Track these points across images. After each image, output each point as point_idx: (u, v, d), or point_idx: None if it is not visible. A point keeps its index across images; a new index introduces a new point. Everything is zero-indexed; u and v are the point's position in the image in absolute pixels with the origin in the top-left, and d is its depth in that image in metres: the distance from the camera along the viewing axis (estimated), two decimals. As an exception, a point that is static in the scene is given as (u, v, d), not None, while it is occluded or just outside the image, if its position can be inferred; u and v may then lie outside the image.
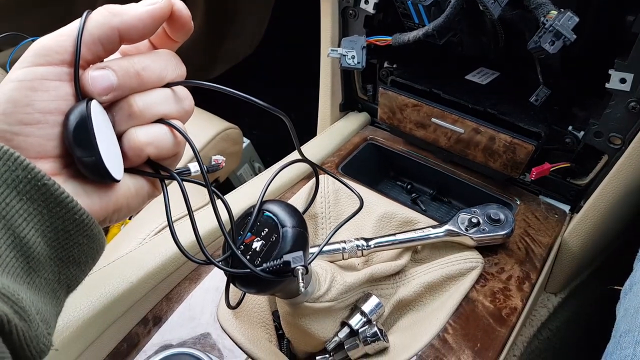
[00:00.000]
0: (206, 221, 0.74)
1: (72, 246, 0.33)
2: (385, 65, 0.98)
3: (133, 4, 0.36)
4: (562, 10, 0.61)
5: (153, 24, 0.36)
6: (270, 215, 0.50)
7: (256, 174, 1.49)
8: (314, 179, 0.82)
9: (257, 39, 2.20)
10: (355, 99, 1.05)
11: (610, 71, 0.67)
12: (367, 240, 0.69)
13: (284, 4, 2.09)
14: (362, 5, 0.89)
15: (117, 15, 0.34)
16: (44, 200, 0.31)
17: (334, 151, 0.95)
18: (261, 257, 0.47)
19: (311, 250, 0.66)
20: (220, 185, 1.26)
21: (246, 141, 1.42)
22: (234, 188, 0.86)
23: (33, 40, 0.35)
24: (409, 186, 0.98)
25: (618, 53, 0.68)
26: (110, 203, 0.36)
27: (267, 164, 1.51)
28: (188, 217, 0.42)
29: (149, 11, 0.35)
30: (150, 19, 0.36)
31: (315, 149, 0.94)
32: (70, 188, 0.34)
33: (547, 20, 0.62)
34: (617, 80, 0.67)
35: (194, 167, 0.55)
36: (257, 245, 0.49)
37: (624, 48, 0.66)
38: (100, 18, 0.34)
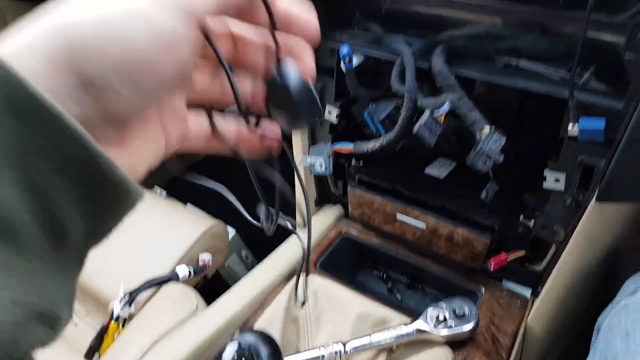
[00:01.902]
0: (191, 337, 0.80)
1: (107, 219, 0.27)
2: (353, 163, 1.06)
3: None
4: (492, 128, 0.69)
5: None
6: (247, 347, 0.56)
7: (244, 262, 1.54)
8: (294, 279, 0.89)
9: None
10: (329, 193, 1.13)
11: (545, 171, 0.75)
12: (344, 344, 0.75)
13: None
14: (327, 115, 0.97)
15: None
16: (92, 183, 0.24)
17: (311, 249, 1.02)
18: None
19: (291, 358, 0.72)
20: (209, 280, 1.31)
21: (232, 231, 1.48)
22: (224, 280, 0.92)
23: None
24: (384, 275, 1.04)
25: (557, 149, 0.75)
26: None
27: (254, 249, 1.57)
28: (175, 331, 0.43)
29: None
30: None
31: (295, 247, 1.01)
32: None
33: (480, 137, 0.70)
34: (552, 180, 0.75)
35: (182, 270, 0.57)
36: (237, 377, 0.55)
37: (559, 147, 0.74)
38: None
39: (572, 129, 0.68)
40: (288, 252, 1.00)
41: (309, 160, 0.94)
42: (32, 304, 0.22)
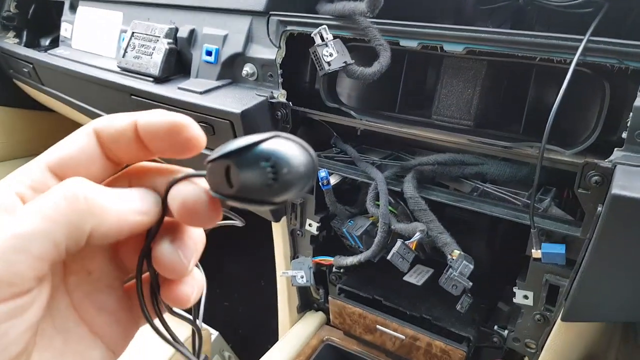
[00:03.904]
0: None
1: None
2: (334, 270, 1.10)
3: (117, 199, 0.28)
4: (462, 253, 0.74)
5: (134, 232, 0.29)
6: None
7: (227, 364, 1.53)
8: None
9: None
10: (311, 299, 1.15)
11: (514, 289, 0.80)
12: None
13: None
14: (307, 227, 1.02)
15: (96, 216, 0.26)
16: None
17: (293, 358, 1.03)
18: None
19: None
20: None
21: (214, 333, 1.48)
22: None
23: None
24: (367, 383, 1.05)
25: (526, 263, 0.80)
26: None
27: (236, 350, 1.56)
28: None
29: (137, 223, 0.29)
30: (133, 230, 0.29)
31: (275, 358, 1.02)
32: None
33: (452, 260, 0.75)
34: (521, 297, 0.79)
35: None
36: None
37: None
38: (69, 215, 0.26)
39: (536, 252, 0.73)
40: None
41: (290, 273, 0.98)
42: None
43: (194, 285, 0.32)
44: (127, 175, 0.32)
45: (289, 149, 0.27)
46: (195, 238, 0.32)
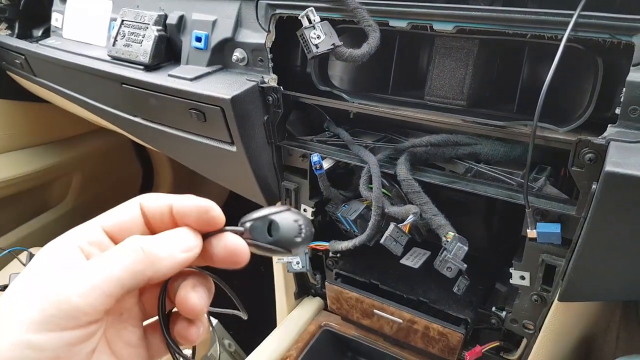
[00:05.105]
0: None
1: None
2: (331, 255, 1.09)
3: (166, 245, 0.36)
4: (456, 235, 0.73)
5: (181, 268, 0.37)
6: None
7: (228, 351, 1.53)
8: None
9: (224, 195, 2.34)
10: (308, 285, 1.15)
11: (511, 269, 0.79)
12: None
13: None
14: (302, 212, 1.01)
15: (154, 264, 0.35)
16: None
17: (292, 344, 1.03)
18: None
19: None
20: (191, 374, 1.30)
21: (214, 321, 1.48)
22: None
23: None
24: (365, 368, 1.05)
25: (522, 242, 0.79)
26: None
27: (236, 337, 1.56)
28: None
29: (185, 260, 0.36)
30: (181, 266, 0.36)
31: (274, 345, 1.02)
32: None
33: (446, 242, 0.74)
34: (518, 277, 0.78)
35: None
36: None
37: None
38: (135, 266, 0.34)
39: (531, 232, 0.72)
40: (269, 350, 1.01)
41: (286, 259, 0.97)
42: None
43: (201, 327, 0.40)
44: (172, 215, 0.39)
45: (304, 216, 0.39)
46: (211, 287, 0.41)
